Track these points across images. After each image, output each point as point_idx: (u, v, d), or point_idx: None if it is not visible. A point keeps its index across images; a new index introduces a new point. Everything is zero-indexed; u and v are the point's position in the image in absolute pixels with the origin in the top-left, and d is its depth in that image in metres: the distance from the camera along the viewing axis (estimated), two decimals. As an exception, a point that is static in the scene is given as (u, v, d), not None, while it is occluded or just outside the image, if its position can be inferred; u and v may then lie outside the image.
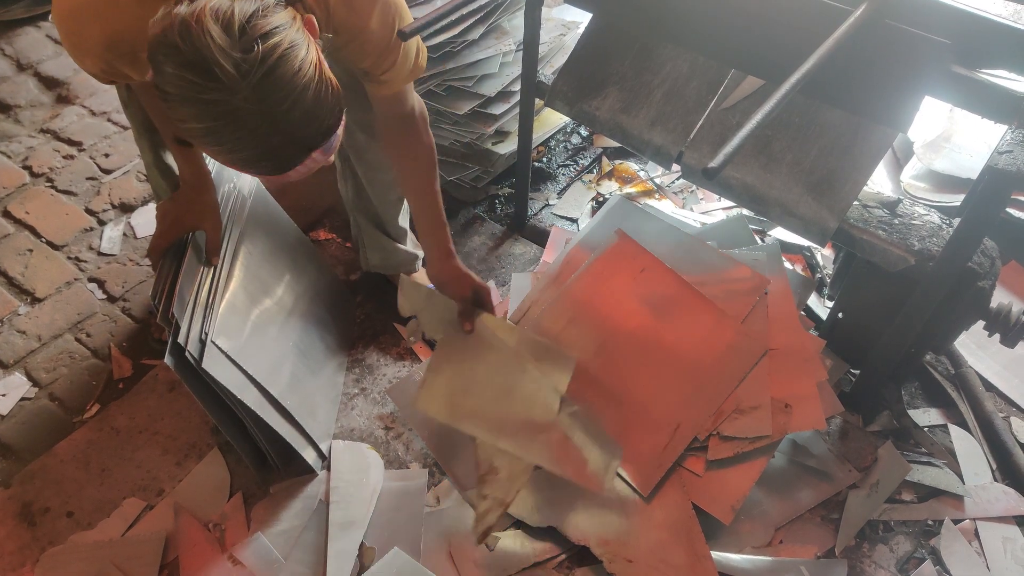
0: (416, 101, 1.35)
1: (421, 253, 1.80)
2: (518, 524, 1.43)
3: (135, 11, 0.96)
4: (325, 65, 0.91)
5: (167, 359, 1.25)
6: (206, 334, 1.31)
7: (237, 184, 1.54)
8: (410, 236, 1.77)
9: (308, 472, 1.49)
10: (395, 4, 1.16)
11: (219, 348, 1.32)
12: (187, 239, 1.39)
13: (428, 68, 1.84)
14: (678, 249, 1.65)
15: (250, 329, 1.43)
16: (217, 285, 1.39)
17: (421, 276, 1.81)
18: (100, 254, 1.92)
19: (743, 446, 1.41)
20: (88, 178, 2.10)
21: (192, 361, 1.27)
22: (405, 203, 1.71)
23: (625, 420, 1.45)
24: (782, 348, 1.52)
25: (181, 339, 1.27)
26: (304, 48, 0.88)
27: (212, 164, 1.45)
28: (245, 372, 1.35)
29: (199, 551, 1.39)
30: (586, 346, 1.52)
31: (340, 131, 0.96)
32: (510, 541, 1.41)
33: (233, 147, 0.88)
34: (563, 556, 1.40)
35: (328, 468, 1.50)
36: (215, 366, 1.29)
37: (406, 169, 1.40)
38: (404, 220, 1.72)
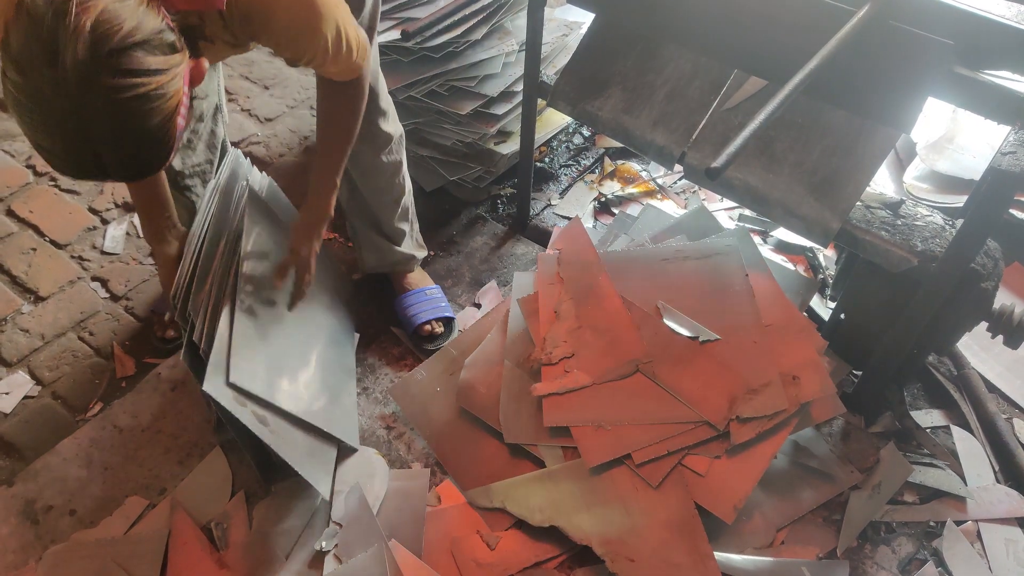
0: (364, 86, 1.30)
1: (420, 254, 1.80)
2: (520, 524, 1.43)
3: None
4: (175, 124, 0.87)
5: (182, 356, 1.24)
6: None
7: (249, 181, 1.54)
8: (407, 237, 1.77)
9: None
10: (320, 16, 1.08)
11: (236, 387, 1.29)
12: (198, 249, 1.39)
13: (431, 68, 1.85)
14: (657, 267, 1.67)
15: (266, 358, 1.40)
16: (231, 286, 1.38)
17: (418, 276, 1.81)
18: (103, 253, 1.93)
19: (763, 424, 1.42)
20: (91, 177, 2.10)
21: (204, 358, 1.26)
22: (401, 205, 1.70)
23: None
24: (775, 323, 1.54)
25: (196, 337, 1.27)
26: (165, 101, 0.84)
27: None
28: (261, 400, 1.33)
29: (190, 551, 1.39)
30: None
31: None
32: (511, 541, 1.41)
33: (32, 129, 0.83)
34: (565, 556, 1.40)
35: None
36: (239, 379, 1.27)
37: (322, 122, 1.36)
38: (401, 222, 1.72)
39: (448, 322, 1.77)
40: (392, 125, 1.58)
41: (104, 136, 0.82)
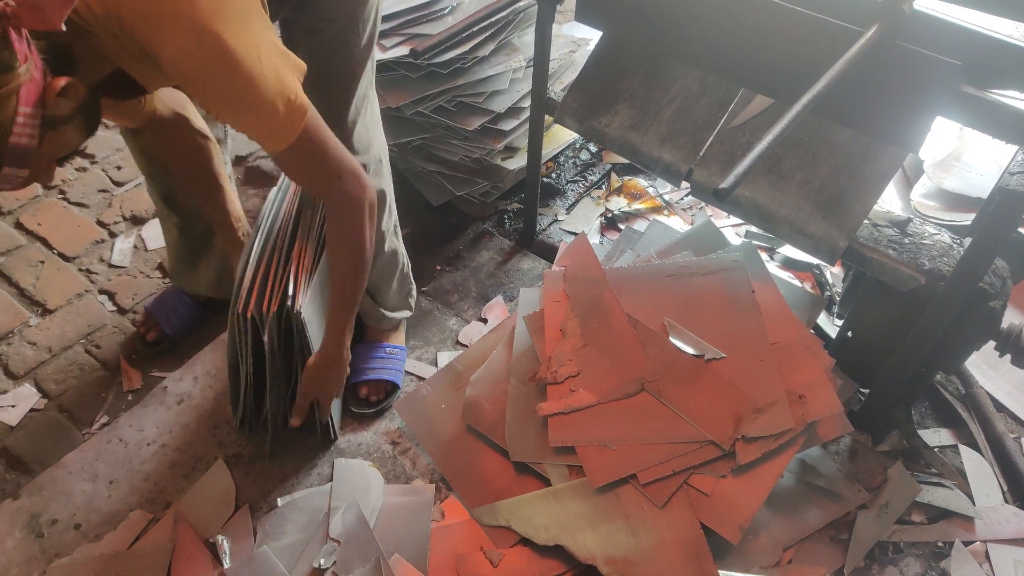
0: (338, 187, 1.13)
1: (405, 315, 1.73)
2: (525, 540, 1.42)
3: None
4: (4, 140, 0.84)
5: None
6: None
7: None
8: (403, 303, 1.71)
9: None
10: (228, 52, 0.93)
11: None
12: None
13: (438, 84, 1.86)
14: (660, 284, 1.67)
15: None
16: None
17: (399, 332, 1.76)
18: (111, 266, 1.93)
19: (768, 444, 1.41)
20: (100, 190, 2.12)
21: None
22: (398, 276, 1.65)
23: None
24: (782, 341, 1.54)
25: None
26: None
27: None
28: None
29: (193, 565, 1.38)
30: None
31: None
32: (516, 558, 1.40)
33: None
34: (570, 573, 1.39)
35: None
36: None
37: (328, 253, 1.29)
38: (401, 291, 1.67)
39: (391, 390, 1.67)
40: (377, 179, 1.46)
41: None
